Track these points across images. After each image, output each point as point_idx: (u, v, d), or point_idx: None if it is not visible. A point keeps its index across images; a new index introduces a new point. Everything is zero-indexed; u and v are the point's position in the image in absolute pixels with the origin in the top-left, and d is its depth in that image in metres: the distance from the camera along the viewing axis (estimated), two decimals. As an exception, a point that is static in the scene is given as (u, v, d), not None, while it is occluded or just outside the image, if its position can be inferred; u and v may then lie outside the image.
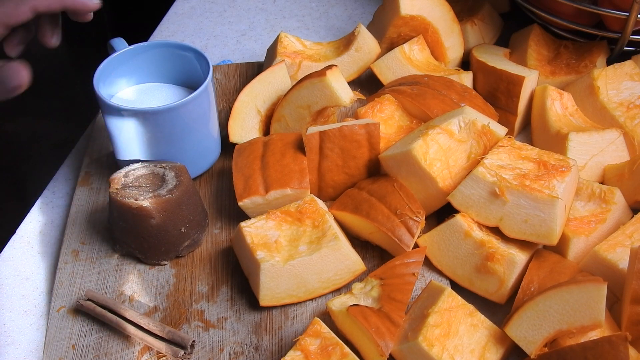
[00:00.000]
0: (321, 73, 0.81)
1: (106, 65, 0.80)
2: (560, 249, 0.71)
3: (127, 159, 0.77)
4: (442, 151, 0.74)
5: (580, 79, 0.87)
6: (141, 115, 0.75)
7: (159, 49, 0.84)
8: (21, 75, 0.63)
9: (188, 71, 0.84)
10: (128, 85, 0.85)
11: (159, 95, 0.84)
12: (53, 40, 0.69)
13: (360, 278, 0.72)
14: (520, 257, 0.68)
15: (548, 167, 0.70)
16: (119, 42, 0.83)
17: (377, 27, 0.99)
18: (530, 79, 0.86)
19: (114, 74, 0.82)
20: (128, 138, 0.76)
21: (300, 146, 0.79)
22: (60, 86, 0.64)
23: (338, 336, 0.62)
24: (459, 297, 0.65)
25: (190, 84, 0.84)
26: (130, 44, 0.83)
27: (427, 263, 0.73)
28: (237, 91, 0.91)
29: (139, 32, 1.11)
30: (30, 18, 0.64)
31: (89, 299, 0.70)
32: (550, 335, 0.61)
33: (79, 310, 0.70)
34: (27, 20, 0.64)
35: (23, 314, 0.73)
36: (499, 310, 0.69)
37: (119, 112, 0.75)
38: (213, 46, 1.13)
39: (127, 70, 0.84)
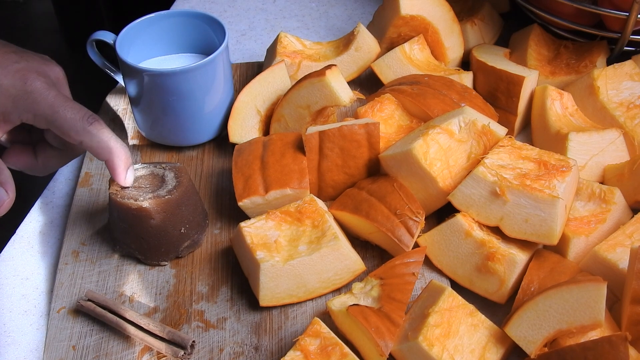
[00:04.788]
0: (321, 73, 0.81)
1: (127, 32, 0.85)
2: (560, 249, 0.71)
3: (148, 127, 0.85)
4: (442, 151, 0.74)
5: (580, 79, 0.87)
6: (161, 76, 0.80)
7: (178, 18, 0.89)
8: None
9: (206, 40, 0.89)
10: (150, 57, 0.90)
11: (179, 62, 0.90)
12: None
13: (360, 278, 0.72)
14: (520, 257, 0.68)
15: (548, 167, 0.70)
16: (104, 34, 0.86)
17: (377, 27, 0.99)
18: (530, 79, 0.86)
19: (135, 43, 0.86)
20: (149, 100, 0.83)
21: (300, 146, 0.79)
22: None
23: (338, 336, 0.62)
24: (460, 297, 0.65)
25: (210, 53, 0.87)
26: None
27: (427, 263, 0.73)
28: (237, 91, 0.91)
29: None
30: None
31: (89, 300, 0.70)
32: (550, 335, 0.61)
33: (79, 311, 0.70)
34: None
35: (23, 314, 0.73)
36: (499, 310, 0.69)
37: (140, 74, 0.80)
38: (213, 46, 1.14)
39: (147, 39, 0.88)
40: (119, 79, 0.93)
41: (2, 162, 0.65)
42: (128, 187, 0.72)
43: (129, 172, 0.70)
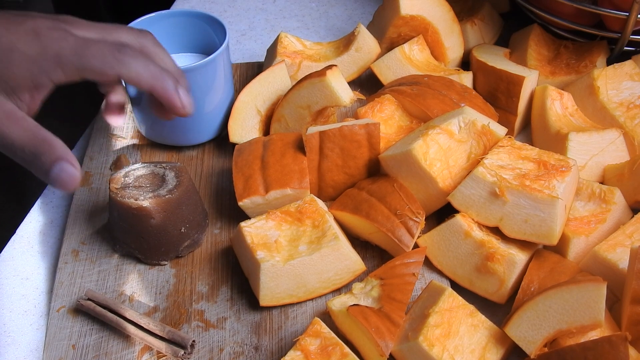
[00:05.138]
0: (321, 73, 0.81)
1: None
2: (560, 249, 0.71)
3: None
4: (442, 151, 0.74)
5: (580, 79, 0.87)
6: None
7: (178, 18, 0.89)
8: (73, 180, 0.59)
9: (206, 40, 0.89)
10: None
11: (179, 62, 0.88)
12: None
13: (360, 278, 0.72)
14: (520, 257, 0.68)
15: (548, 167, 0.70)
16: None
17: (377, 27, 0.99)
18: (530, 79, 0.86)
19: None
20: (150, 100, 0.81)
21: (300, 146, 0.79)
22: (60, 86, 0.64)
23: (338, 336, 0.62)
24: (460, 297, 0.65)
25: (210, 53, 0.86)
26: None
27: (427, 263, 0.73)
28: (237, 91, 0.91)
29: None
30: (117, 81, 0.63)
31: (89, 299, 0.70)
32: (550, 335, 0.61)
33: (79, 310, 0.70)
34: (113, 82, 0.64)
35: (23, 314, 0.73)
36: (499, 310, 0.69)
37: None
38: (213, 46, 1.14)
39: None
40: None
41: (53, 136, 0.58)
42: (130, 186, 0.72)
43: (182, 93, 0.64)
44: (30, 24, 0.59)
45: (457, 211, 0.72)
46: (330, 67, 0.82)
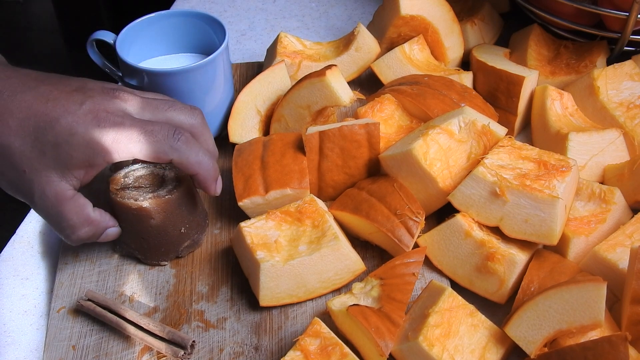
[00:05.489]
0: (321, 73, 0.81)
1: (127, 31, 0.84)
2: (560, 249, 0.71)
3: None
4: (442, 151, 0.74)
5: (580, 79, 0.87)
6: (161, 76, 0.79)
7: (178, 18, 0.88)
8: (115, 236, 0.71)
9: (206, 40, 0.88)
10: (150, 57, 0.89)
11: (179, 62, 0.90)
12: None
13: (360, 278, 0.72)
14: (520, 257, 0.68)
15: (548, 167, 0.70)
16: (104, 34, 0.86)
17: (377, 27, 0.99)
18: (530, 79, 0.86)
19: (136, 43, 0.86)
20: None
21: (300, 146, 0.79)
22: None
23: (338, 336, 0.62)
24: (460, 297, 0.65)
25: (210, 53, 0.86)
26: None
27: (427, 263, 0.73)
28: (237, 91, 0.91)
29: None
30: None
31: (89, 299, 0.70)
32: (550, 335, 0.61)
33: (79, 311, 0.70)
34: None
35: (23, 314, 0.73)
36: (499, 310, 0.69)
37: (140, 74, 0.80)
38: (213, 46, 1.13)
39: (147, 39, 0.87)
40: (119, 79, 0.93)
41: (94, 214, 0.68)
42: (130, 186, 0.72)
43: (218, 184, 0.71)
44: (89, 104, 0.62)
45: (457, 211, 0.72)
46: (330, 67, 0.82)
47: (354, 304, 0.63)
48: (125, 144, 0.62)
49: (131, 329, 0.67)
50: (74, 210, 0.65)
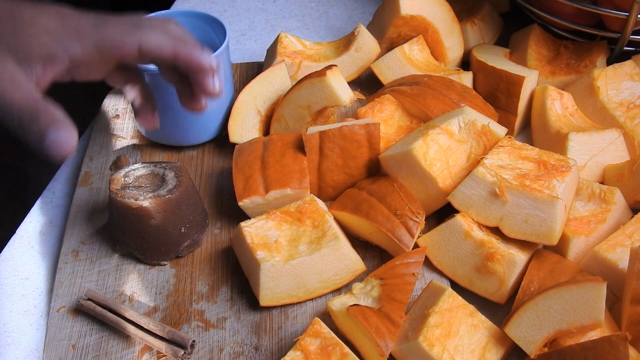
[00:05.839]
0: (321, 73, 0.81)
1: None
2: (560, 249, 0.71)
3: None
4: (442, 151, 0.74)
5: (580, 79, 0.87)
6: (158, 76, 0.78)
7: (178, 18, 0.87)
8: (69, 144, 0.56)
9: (206, 40, 0.87)
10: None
11: None
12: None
13: (360, 278, 0.72)
14: (520, 257, 0.68)
15: (548, 167, 0.70)
16: None
17: (377, 27, 0.99)
18: (530, 79, 0.86)
19: None
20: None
21: (300, 146, 0.79)
22: (60, 86, 0.64)
23: (338, 336, 0.62)
24: (460, 298, 0.65)
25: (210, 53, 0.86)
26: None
27: (427, 263, 0.73)
28: (237, 91, 0.91)
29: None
30: (137, 56, 0.61)
31: (89, 299, 0.70)
32: (550, 335, 0.61)
33: (79, 310, 0.70)
34: (134, 57, 0.61)
35: (23, 314, 0.73)
36: (499, 310, 0.69)
37: (141, 74, 0.78)
38: (213, 46, 1.13)
39: None
40: None
41: (53, 105, 0.56)
42: (130, 186, 0.72)
43: (216, 78, 0.64)
44: (56, 8, 0.60)
45: (457, 211, 0.72)
46: (330, 67, 0.82)
47: (354, 304, 0.63)
48: (87, 30, 0.59)
49: (131, 329, 0.67)
50: (25, 96, 0.56)
